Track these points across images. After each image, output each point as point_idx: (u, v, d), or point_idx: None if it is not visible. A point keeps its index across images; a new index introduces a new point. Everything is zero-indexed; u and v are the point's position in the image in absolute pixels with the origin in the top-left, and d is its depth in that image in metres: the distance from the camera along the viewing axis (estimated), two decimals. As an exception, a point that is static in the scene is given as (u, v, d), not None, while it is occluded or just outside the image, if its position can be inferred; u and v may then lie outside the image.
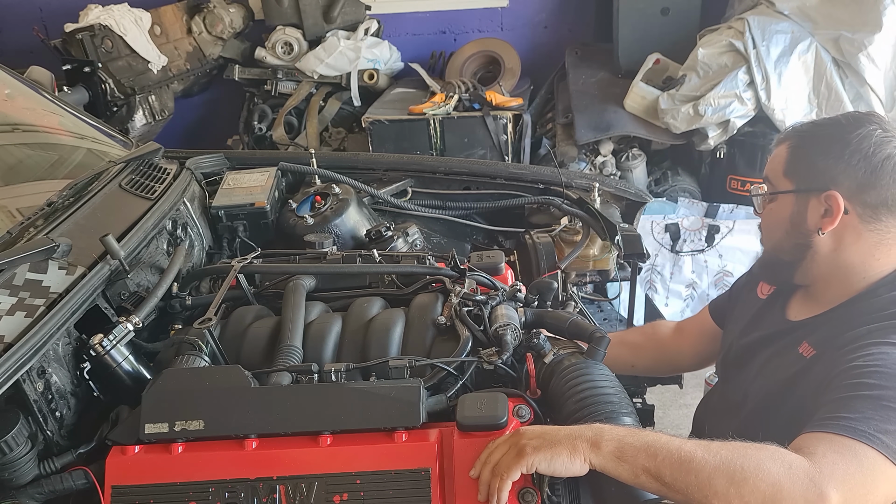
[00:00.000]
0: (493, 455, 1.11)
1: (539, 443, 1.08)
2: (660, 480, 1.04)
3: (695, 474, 1.02)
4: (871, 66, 3.15)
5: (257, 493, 1.16)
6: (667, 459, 1.03)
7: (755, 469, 1.01)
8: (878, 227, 1.31)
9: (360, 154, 3.11)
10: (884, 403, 1.10)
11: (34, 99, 2.15)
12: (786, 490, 1.00)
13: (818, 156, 1.33)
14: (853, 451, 1.05)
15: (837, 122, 1.35)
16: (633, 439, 1.06)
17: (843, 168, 1.30)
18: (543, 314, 1.52)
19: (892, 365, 1.15)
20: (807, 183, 1.34)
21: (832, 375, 1.21)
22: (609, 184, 2.27)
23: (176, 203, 1.84)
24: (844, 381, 1.17)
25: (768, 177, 1.42)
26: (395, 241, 1.95)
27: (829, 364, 1.24)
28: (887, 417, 1.08)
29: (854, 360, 1.19)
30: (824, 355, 1.28)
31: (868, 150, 1.29)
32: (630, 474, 1.05)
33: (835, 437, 1.07)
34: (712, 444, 1.05)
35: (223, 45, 4.22)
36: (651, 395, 2.04)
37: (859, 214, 1.31)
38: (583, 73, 3.89)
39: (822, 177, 1.32)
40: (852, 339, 1.24)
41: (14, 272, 1.36)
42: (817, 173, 1.32)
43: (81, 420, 1.35)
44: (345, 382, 1.29)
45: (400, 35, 4.42)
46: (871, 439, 1.06)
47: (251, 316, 1.55)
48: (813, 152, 1.34)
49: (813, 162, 1.33)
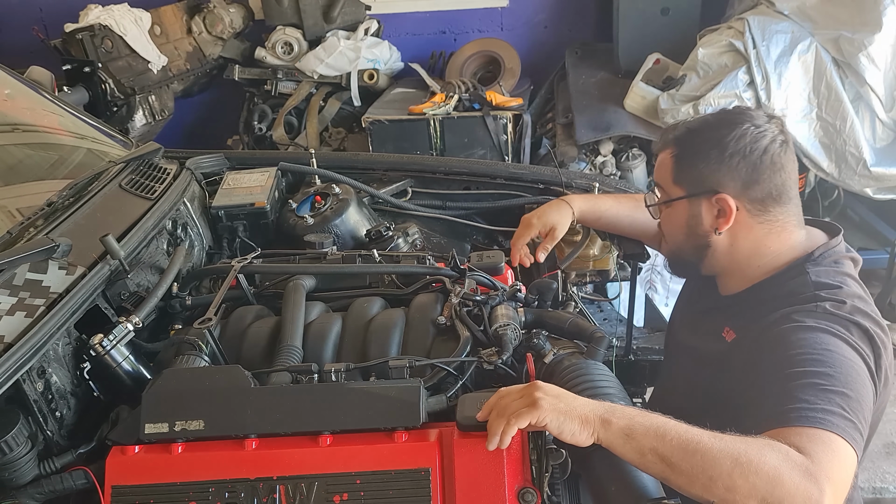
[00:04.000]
0: (504, 399, 1.12)
1: (554, 402, 1.09)
2: (665, 461, 1.04)
3: (700, 456, 1.03)
4: (871, 66, 3.14)
5: (257, 493, 1.16)
6: (674, 440, 1.04)
7: (757, 454, 1.02)
8: (767, 218, 1.38)
9: (360, 154, 3.11)
10: (822, 387, 1.13)
11: (34, 99, 2.15)
12: (786, 477, 1.01)
13: (701, 162, 1.38)
14: (824, 441, 1.07)
15: (711, 125, 1.40)
16: (643, 419, 1.08)
17: (725, 170, 1.36)
18: (543, 314, 1.53)
19: (813, 349, 1.19)
20: (696, 188, 1.40)
21: (761, 364, 1.24)
22: (609, 184, 2.27)
23: (176, 203, 1.84)
24: (780, 370, 1.19)
25: (659, 184, 1.48)
26: (395, 241, 1.95)
27: (752, 351, 1.29)
28: (831, 400, 1.11)
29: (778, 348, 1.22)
30: (743, 341, 1.35)
31: (745, 150, 1.35)
32: (636, 453, 1.06)
33: (802, 429, 1.08)
34: (716, 433, 1.07)
35: (223, 45, 4.21)
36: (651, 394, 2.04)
37: (748, 210, 1.37)
38: (583, 73, 3.89)
39: (709, 181, 1.38)
40: (769, 325, 1.29)
41: (14, 272, 1.36)
42: (703, 178, 1.38)
43: (81, 420, 1.35)
44: (345, 382, 1.29)
45: (400, 35, 4.41)
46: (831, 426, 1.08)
47: (251, 316, 1.55)
48: (695, 159, 1.39)
49: (697, 168, 1.39)
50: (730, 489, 1.01)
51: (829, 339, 1.21)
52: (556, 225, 1.76)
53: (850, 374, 1.16)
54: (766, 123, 1.37)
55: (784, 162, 1.36)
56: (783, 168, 1.36)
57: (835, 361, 1.17)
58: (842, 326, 1.23)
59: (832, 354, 1.18)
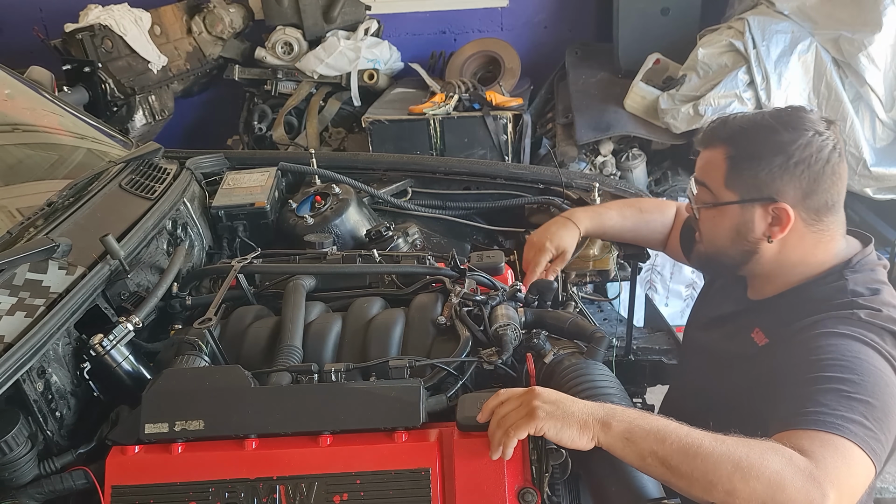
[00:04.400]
0: (503, 406, 1.12)
1: (552, 409, 1.08)
2: (665, 465, 1.04)
3: (701, 459, 1.02)
4: (871, 66, 3.14)
5: (257, 493, 1.16)
6: (675, 444, 1.04)
7: (759, 458, 1.02)
8: (819, 227, 1.35)
9: (360, 154, 3.11)
10: (845, 394, 1.12)
11: (34, 99, 2.15)
12: (788, 481, 1.00)
13: (761, 168, 1.33)
14: (835, 446, 1.06)
15: (771, 128, 1.34)
16: (643, 422, 1.07)
17: (787, 179, 1.32)
18: (543, 314, 1.52)
19: (843, 356, 1.18)
20: (751, 194, 1.35)
21: (784, 366, 1.23)
22: (609, 184, 2.27)
23: (176, 203, 1.84)
24: (804, 374, 1.18)
25: (705, 184, 1.41)
26: (395, 241, 1.95)
27: (781, 355, 1.27)
28: (852, 408, 1.10)
29: (808, 353, 1.21)
30: (776, 346, 1.32)
31: (811, 159, 1.31)
32: (636, 457, 1.06)
33: (815, 433, 1.08)
34: (717, 435, 1.06)
35: (223, 45, 4.21)
36: (651, 395, 2.04)
37: (803, 219, 1.34)
38: (583, 73, 3.89)
39: (768, 188, 1.33)
40: (801, 329, 1.27)
41: (14, 272, 1.36)
42: (761, 184, 1.34)
43: (81, 420, 1.35)
44: (345, 382, 1.29)
45: (400, 35, 4.41)
46: (845, 432, 1.07)
47: (251, 316, 1.55)
48: (755, 164, 1.34)
49: (756, 174, 1.34)
50: (730, 493, 1.01)
51: (861, 347, 1.19)
52: (567, 248, 1.75)
53: (877, 383, 1.14)
54: (826, 130, 1.33)
55: (841, 171, 1.33)
56: (840, 177, 1.33)
57: (863, 370, 1.15)
58: (875, 335, 1.21)
59: (861, 363, 1.17)
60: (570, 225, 1.77)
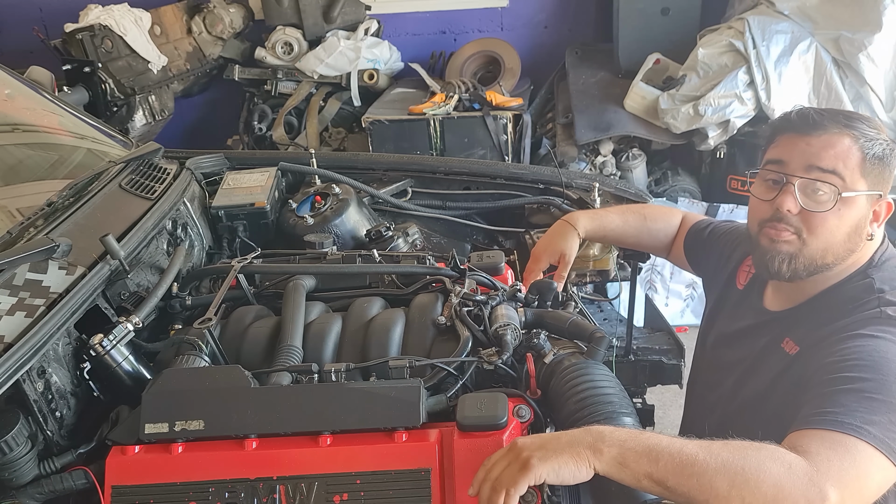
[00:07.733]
0: (492, 471, 1.06)
1: (543, 454, 1.04)
2: (662, 485, 1.03)
3: (696, 478, 1.01)
4: (871, 66, 3.15)
5: (257, 493, 1.16)
6: (668, 464, 1.02)
7: (756, 470, 1.01)
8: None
9: (360, 154, 3.11)
10: (866, 395, 1.11)
11: (34, 99, 2.15)
12: (786, 491, 0.99)
13: (892, 160, 1.32)
14: (845, 446, 1.05)
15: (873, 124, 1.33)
16: (635, 444, 1.05)
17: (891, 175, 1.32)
18: (543, 314, 1.52)
19: (869, 356, 1.16)
20: (878, 187, 1.31)
21: (812, 371, 1.22)
22: (609, 184, 2.27)
23: (176, 203, 1.84)
24: (825, 376, 1.17)
25: (837, 171, 1.28)
26: (395, 241, 1.95)
27: (810, 360, 1.26)
28: (872, 408, 1.09)
29: (832, 356, 1.20)
30: (807, 352, 1.30)
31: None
32: (632, 479, 1.05)
33: (826, 433, 1.07)
34: (713, 445, 1.05)
35: (223, 45, 4.22)
36: (651, 395, 2.04)
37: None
38: (583, 73, 3.89)
39: (885, 183, 1.32)
40: (830, 334, 1.26)
41: (14, 272, 1.36)
42: (885, 179, 1.32)
43: (81, 420, 1.35)
44: (345, 382, 1.29)
45: (400, 35, 4.42)
46: (859, 432, 1.06)
47: (251, 316, 1.55)
48: (884, 156, 1.30)
49: (887, 165, 1.31)
50: None
51: (889, 346, 1.18)
52: (565, 252, 1.75)
53: None
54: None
55: None
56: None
57: (888, 370, 1.13)
58: None
59: (887, 362, 1.15)
60: (567, 229, 1.78)
